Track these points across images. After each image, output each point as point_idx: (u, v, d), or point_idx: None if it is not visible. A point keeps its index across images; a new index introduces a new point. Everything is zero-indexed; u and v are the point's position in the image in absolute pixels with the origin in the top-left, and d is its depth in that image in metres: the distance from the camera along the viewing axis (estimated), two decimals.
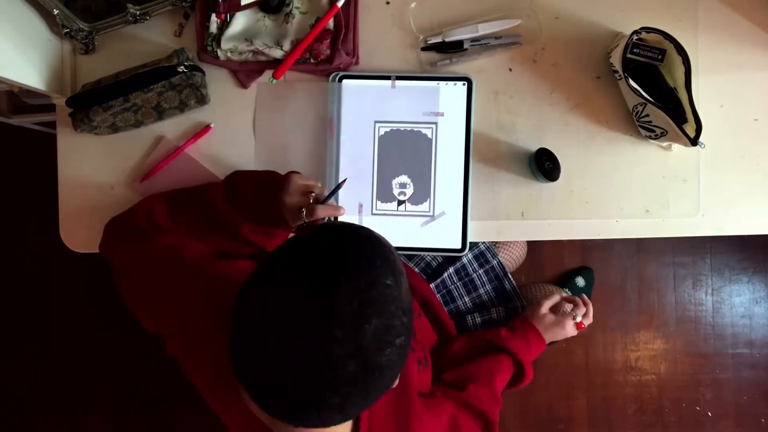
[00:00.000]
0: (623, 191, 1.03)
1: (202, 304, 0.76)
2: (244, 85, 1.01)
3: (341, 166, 1.01)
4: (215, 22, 0.97)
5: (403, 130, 1.02)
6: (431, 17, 1.02)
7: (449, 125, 1.01)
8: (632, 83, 0.95)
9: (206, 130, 1.01)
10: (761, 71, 1.05)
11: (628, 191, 1.03)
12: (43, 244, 1.77)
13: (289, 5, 0.98)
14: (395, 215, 1.02)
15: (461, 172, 1.01)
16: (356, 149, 1.02)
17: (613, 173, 1.03)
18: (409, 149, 1.02)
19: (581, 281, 1.81)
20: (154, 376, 1.80)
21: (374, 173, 1.02)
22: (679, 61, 0.95)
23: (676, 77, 0.97)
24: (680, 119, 0.95)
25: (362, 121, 1.02)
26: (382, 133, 1.02)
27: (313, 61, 0.98)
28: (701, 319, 1.90)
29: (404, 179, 1.02)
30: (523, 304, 1.14)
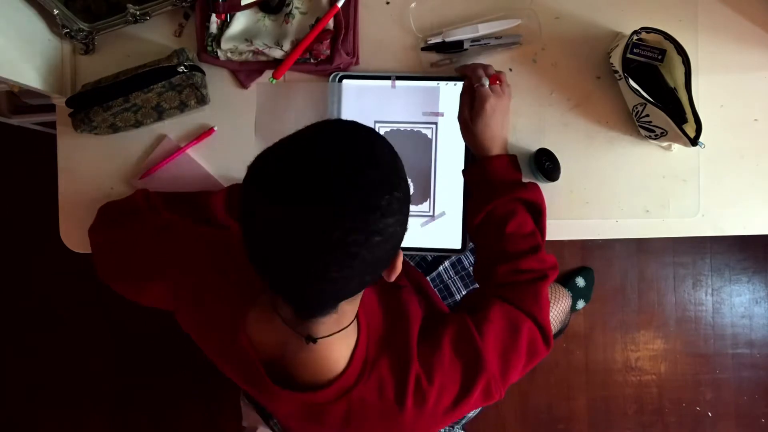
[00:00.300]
0: (623, 191, 1.03)
1: (208, 256, 0.80)
2: (244, 85, 1.01)
3: None
4: (215, 22, 0.97)
5: (403, 130, 1.02)
6: (431, 17, 1.02)
7: (449, 125, 1.01)
8: (632, 83, 0.95)
9: (209, 132, 1.01)
10: (761, 71, 1.05)
11: (628, 191, 1.03)
12: (43, 244, 1.77)
13: (289, 5, 0.98)
14: None
15: (461, 172, 1.01)
16: None
17: (613, 173, 1.03)
18: (409, 149, 1.02)
19: (581, 281, 1.81)
20: (155, 376, 1.80)
21: None
22: (679, 61, 0.95)
23: (676, 77, 0.97)
24: (680, 119, 0.95)
25: (362, 121, 1.01)
26: (382, 133, 1.02)
27: (313, 61, 0.98)
28: (701, 319, 1.90)
29: None
30: None
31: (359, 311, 0.72)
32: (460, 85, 1.00)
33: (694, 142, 0.92)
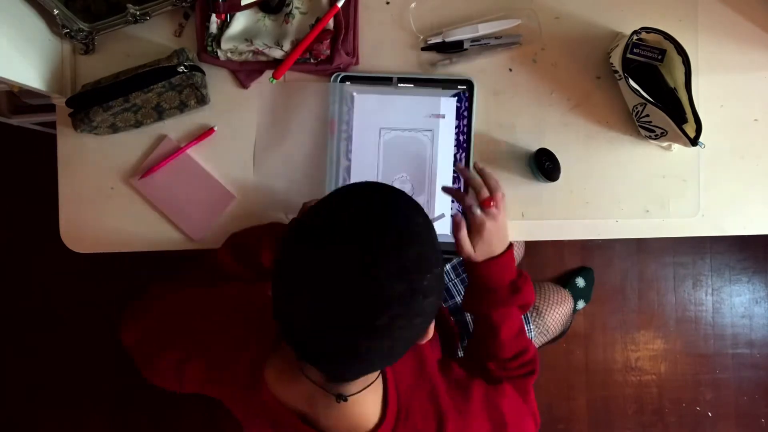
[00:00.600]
0: (623, 191, 1.03)
1: (236, 315, 0.80)
2: (244, 85, 1.01)
3: (351, 173, 1.01)
4: (215, 22, 0.97)
5: (404, 133, 1.02)
6: (431, 17, 1.02)
7: (450, 127, 1.01)
8: (632, 83, 0.95)
9: (209, 132, 1.01)
10: (761, 71, 1.05)
11: (628, 191, 1.03)
12: (43, 244, 1.76)
13: (289, 5, 0.98)
14: None
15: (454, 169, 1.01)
16: (362, 155, 1.02)
17: (613, 173, 1.03)
18: (409, 152, 1.02)
19: (581, 281, 1.81)
20: None
21: (378, 177, 1.02)
22: (679, 61, 0.95)
23: (676, 77, 0.97)
24: (680, 119, 0.95)
25: (366, 127, 1.01)
26: (385, 137, 1.02)
27: (313, 61, 0.98)
28: (701, 319, 1.90)
29: (404, 181, 1.02)
30: None
31: None
32: (461, 88, 1.00)
33: (694, 142, 0.92)
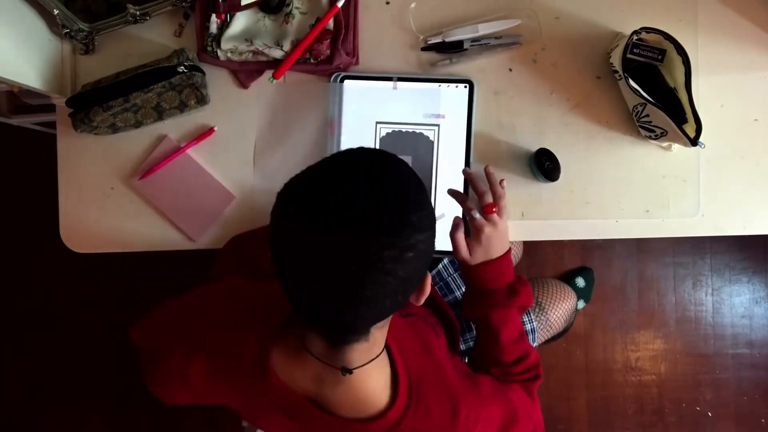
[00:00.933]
0: (623, 191, 1.03)
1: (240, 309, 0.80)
2: (244, 85, 1.01)
3: None
4: (215, 22, 0.97)
5: (404, 131, 1.02)
6: (431, 17, 1.02)
7: (450, 127, 1.01)
8: (632, 83, 0.95)
9: (209, 132, 1.01)
10: (761, 71, 1.05)
11: (628, 191, 1.03)
12: (43, 244, 1.77)
13: (289, 5, 0.98)
14: None
15: (461, 174, 1.01)
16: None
17: (613, 173, 1.03)
18: (410, 151, 1.02)
19: (581, 281, 1.81)
20: None
21: None
22: (679, 61, 0.95)
23: (676, 77, 0.97)
24: (680, 119, 0.95)
25: (364, 122, 1.01)
26: (383, 134, 1.02)
27: (313, 61, 0.98)
28: (701, 319, 1.90)
29: None
30: None
31: (388, 338, 0.73)
32: (461, 87, 1.00)
33: (694, 142, 0.92)
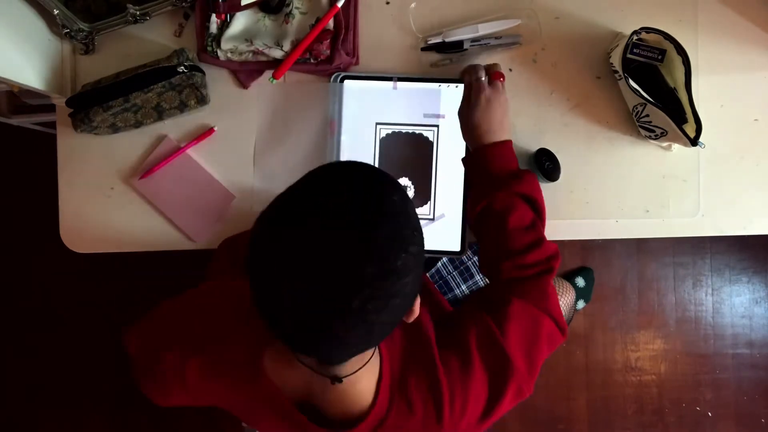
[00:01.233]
0: (623, 191, 1.03)
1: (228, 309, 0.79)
2: (244, 85, 1.01)
3: None
4: (215, 22, 0.97)
5: (404, 132, 1.02)
6: (431, 17, 1.02)
7: (450, 127, 1.01)
8: (632, 83, 0.95)
9: (209, 132, 1.01)
10: (761, 71, 1.05)
11: (628, 191, 1.03)
12: (43, 244, 1.76)
13: (289, 5, 0.98)
14: None
15: (461, 174, 1.01)
16: (357, 151, 1.02)
17: (613, 173, 1.03)
18: (409, 151, 1.02)
19: (581, 281, 1.81)
20: None
21: None
22: (679, 61, 0.95)
23: (676, 77, 0.97)
24: (680, 119, 0.95)
25: (363, 122, 1.02)
26: (383, 134, 1.02)
27: (313, 61, 0.98)
28: (701, 319, 1.90)
29: (405, 181, 1.02)
30: None
31: None
32: (461, 87, 1.00)
33: (694, 142, 0.92)
